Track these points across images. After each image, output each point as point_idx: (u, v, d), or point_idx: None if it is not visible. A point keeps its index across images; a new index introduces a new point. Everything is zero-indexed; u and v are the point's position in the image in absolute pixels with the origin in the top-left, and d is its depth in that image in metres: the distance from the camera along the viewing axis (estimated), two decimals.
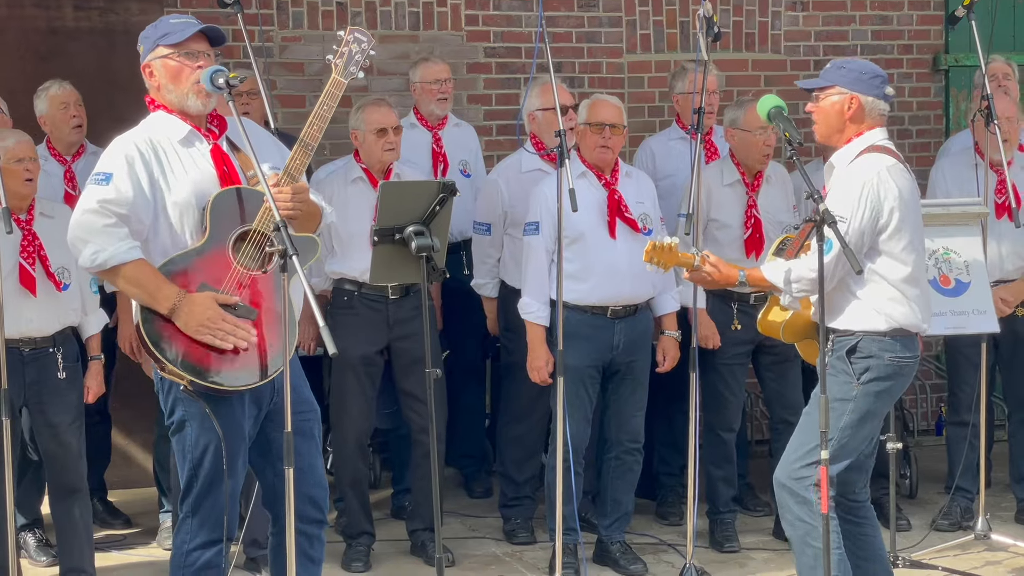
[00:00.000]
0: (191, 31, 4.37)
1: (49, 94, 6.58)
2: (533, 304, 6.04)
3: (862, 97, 4.90)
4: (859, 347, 4.85)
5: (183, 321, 4.24)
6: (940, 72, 8.55)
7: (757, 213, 6.36)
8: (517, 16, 7.91)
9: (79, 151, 6.64)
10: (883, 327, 4.85)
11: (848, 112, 4.90)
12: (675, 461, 6.86)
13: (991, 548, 6.36)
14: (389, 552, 6.43)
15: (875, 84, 4.92)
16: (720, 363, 6.39)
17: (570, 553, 5.98)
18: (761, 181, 6.40)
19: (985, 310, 6.14)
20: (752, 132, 6.29)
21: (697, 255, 5.01)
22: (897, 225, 4.82)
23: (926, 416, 8.46)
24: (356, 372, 6.16)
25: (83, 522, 5.83)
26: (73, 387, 5.75)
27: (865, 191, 4.79)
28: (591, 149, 6.04)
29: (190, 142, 4.43)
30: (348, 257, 6.15)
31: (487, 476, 7.36)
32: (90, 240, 4.27)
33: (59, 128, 6.57)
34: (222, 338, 4.25)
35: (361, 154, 6.21)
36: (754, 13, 8.28)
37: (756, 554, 6.44)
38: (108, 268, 4.28)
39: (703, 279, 5.06)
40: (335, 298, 6.22)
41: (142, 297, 4.29)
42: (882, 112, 4.95)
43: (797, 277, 4.82)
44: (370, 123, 6.12)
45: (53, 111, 6.57)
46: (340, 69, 4.45)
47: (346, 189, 6.15)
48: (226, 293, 4.29)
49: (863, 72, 4.93)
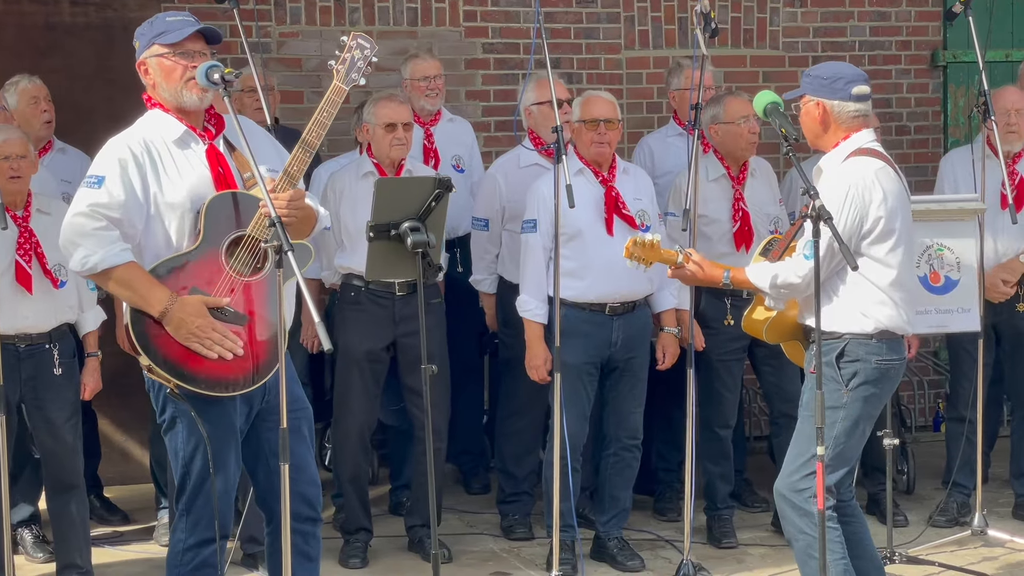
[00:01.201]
0: (188, 31, 4.34)
1: (19, 88, 6.49)
2: (531, 302, 6.04)
3: (826, 102, 4.90)
4: (846, 351, 4.84)
5: (173, 326, 4.24)
6: (938, 68, 8.54)
7: (744, 206, 6.36)
8: (515, 12, 7.91)
9: (46, 147, 6.57)
10: (869, 329, 4.84)
11: (819, 118, 4.92)
12: (673, 457, 6.86)
13: (988, 544, 6.36)
14: (387, 548, 6.43)
15: (837, 87, 4.90)
16: (715, 359, 6.39)
17: (568, 549, 5.98)
18: (746, 174, 6.41)
19: (969, 308, 6.16)
20: (735, 123, 6.29)
21: (680, 253, 5.01)
22: (883, 229, 4.82)
23: (923, 412, 8.45)
24: (360, 368, 6.16)
25: (80, 518, 5.83)
26: (70, 383, 5.76)
27: (851, 195, 4.78)
28: (587, 146, 6.04)
29: (185, 143, 4.40)
30: (356, 252, 6.12)
31: (485, 472, 7.36)
32: (81, 244, 4.26)
33: (28, 123, 6.42)
34: (209, 347, 4.24)
35: (372, 148, 6.20)
36: (752, 9, 8.28)
37: (754, 550, 6.44)
38: (99, 271, 4.27)
39: (686, 277, 5.06)
40: (343, 292, 6.22)
41: (133, 300, 4.28)
42: (853, 113, 4.91)
43: (784, 282, 4.81)
44: (380, 117, 6.11)
45: (23, 106, 6.46)
46: (342, 76, 4.43)
47: (357, 183, 6.14)
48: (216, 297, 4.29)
49: (825, 76, 4.93)
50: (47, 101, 6.54)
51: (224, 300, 4.27)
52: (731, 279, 4.96)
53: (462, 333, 6.99)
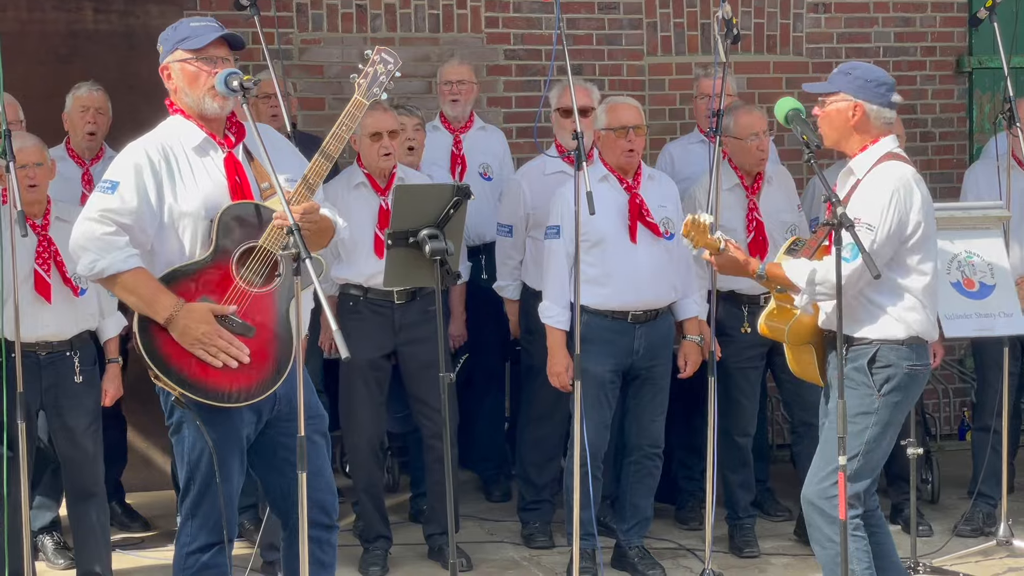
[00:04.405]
0: (212, 36, 4.34)
1: (75, 94, 6.60)
2: (553, 308, 6.01)
3: (867, 105, 4.83)
4: (878, 356, 4.81)
5: (179, 332, 4.24)
6: (963, 74, 8.49)
7: (759, 216, 6.32)
8: (537, 18, 7.90)
9: (99, 154, 6.64)
10: (901, 335, 4.81)
11: (853, 120, 4.83)
12: (695, 466, 6.82)
13: (1013, 554, 6.31)
14: (407, 556, 6.42)
15: (880, 92, 4.83)
16: (733, 367, 6.35)
17: (588, 558, 5.95)
18: (761, 183, 6.37)
19: (1012, 312, 6.10)
20: (744, 140, 6.26)
21: (722, 240, 4.96)
22: (922, 234, 4.79)
23: (948, 421, 8.40)
24: (364, 377, 6.15)
25: (100, 525, 5.83)
26: (90, 391, 5.76)
27: (894, 200, 4.74)
28: (617, 154, 6.00)
29: (204, 150, 4.40)
30: (353, 263, 6.13)
31: (506, 480, 7.34)
32: (89, 248, 4.27)
33: (75, 130, 6.60)
34: (214, 354, 4.24)
35: (362, 158, 6.20)
36: (776, 15, 8.25)
37: (776, 559, 6.40)
38: (106, 276, 4.28)
39: (726, 263, 4.97)
40: (341, 303, 6.20)
41: (139, 306, 4.28)
42: (888, 121, 4.87)
43: (822, 279, 4.74)
44: (365, 127, 6.06)
45: (73, 112, 6.60)
46: (363, 90, 4.42)
47: (348, 195, 6.12)
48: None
49: (868, 79, 4.84)
50: (97, 113, 6.60)
51: (231, 308, 4.27)
52: (766, 271, 4.90)
53: (485, 340, 6.99)
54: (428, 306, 6.01)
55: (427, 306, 6.04)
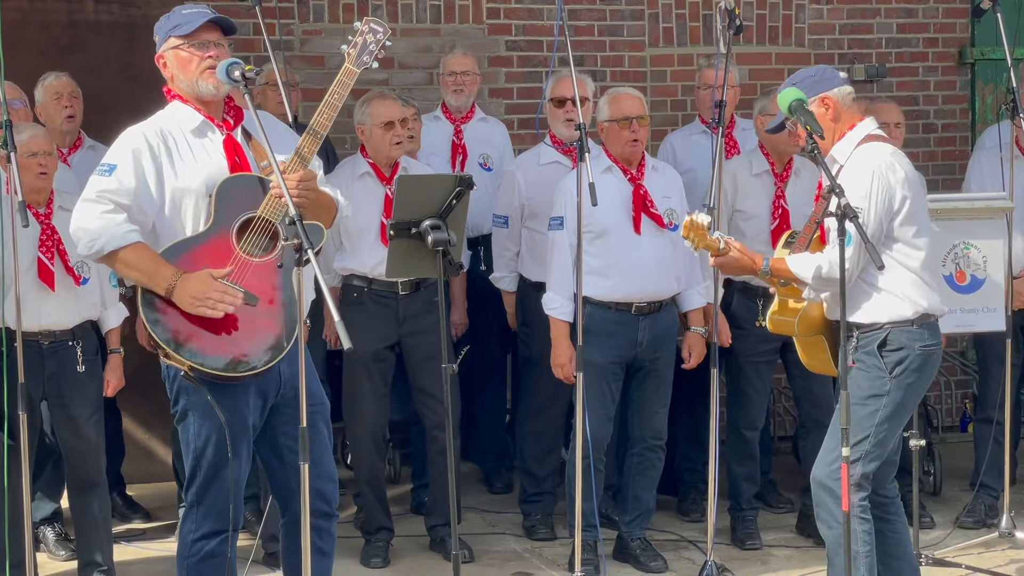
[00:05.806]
0: (201, 21, 4.39)
1: (44, 84, 6.55)
2: (557, 299, 5.99)
3: (829, 93, 4.92)
4: (889, 339, 4.82)
5: (179, 298, 4.25)
6: (966, 65, 8.48)
7: (785, 204, 6.26)
8: (539, 9, 7.89)
9: (76, 144, 6.60)
10: (909, 313, 4.82)
11: (829, 113, 4.91)
12: (698, 458, 6.81)
13: (1016, 546, 6.30)
14: (409, 548, 6.41)
15: (828, 77, 4.95)
16: (745, 361, 6.34)
17: (590, 549, 5.94)
18: (791, 172, 6.32)
19: (995, 308, 6.11)
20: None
21: (722, 240, 4.96)
22: (909, 209, 4.82)
23: (950, 412, 8.40)
24: (367, 368, 6.13)
25: (102, 516, 5.83)
26: (93, 380, 5.76)
27: (876, 178, 4.79)
28: (622, 145, 5.98)
29: (203, 132, 4.43)
30: (357, 253, 6.12)
31: (508, 472, 7.34)
32: (88, 228, 4.30)
33: (51, 119, 6.50)
34: (212, 306, 4.24)
35: (368, 148, 6.17)
36: (778, 6, 8.23)
37: (778, 551, 6.39)
38: (107, 253, 4.30)
39: (727, 264, 5.00)
40: (344, 294, 6.19)
41: (141, 279, 4.31)
42: (852, 96, 4.95)
43: (829, 273, 4.75)
44: (376, 116, 6.07)
45: (46, 101, 6.53)
46: (353, 58, 4.46)
47: (353, 184, 6.10)
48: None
49: (811, 75, 4.96)
50: (71, 98, 6.56)
51: (226, 270, 4.27)
52: (771, 267, 4.92)
53: (485, 332, 6.98)
54: (432, 297, 6.00)
55: (431, 297, 6.03)
